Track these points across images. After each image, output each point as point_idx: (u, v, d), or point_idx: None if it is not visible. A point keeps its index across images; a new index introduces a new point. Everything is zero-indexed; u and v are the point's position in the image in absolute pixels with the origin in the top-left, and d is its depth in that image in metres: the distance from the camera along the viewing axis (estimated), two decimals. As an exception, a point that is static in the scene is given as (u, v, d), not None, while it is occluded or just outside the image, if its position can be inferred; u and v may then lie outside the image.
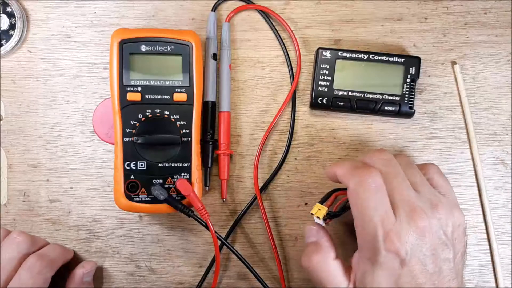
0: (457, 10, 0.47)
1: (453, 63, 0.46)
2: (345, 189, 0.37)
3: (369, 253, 0.34)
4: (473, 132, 0.46)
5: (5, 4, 0.45)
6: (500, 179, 0.46)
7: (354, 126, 0.46)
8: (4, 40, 0.45)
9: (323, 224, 0.38)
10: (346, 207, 0.38)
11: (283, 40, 0.46)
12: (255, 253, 0.46)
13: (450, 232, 0.35)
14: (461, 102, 0.46)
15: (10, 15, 0.45)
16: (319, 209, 0.38)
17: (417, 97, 0.46)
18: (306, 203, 0.46)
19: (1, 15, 0.45)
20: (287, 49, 0.46)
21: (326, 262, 0.37)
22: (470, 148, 0.46)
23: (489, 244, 0.45)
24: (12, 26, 0.45)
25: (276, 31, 0.46)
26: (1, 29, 0.45)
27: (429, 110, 0.46)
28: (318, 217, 0.38)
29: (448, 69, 0.47)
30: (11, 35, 0.45)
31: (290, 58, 0.46)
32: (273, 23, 0.47)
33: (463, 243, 0.36)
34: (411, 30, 0.47)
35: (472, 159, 0.46)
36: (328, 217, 0.38)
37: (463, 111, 0.46)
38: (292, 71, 0.46)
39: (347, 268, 0.37)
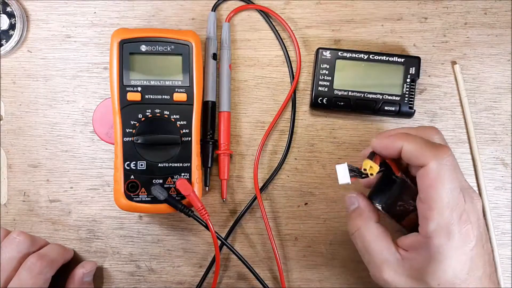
0: (457, 10, 0.47)
1: (453, 63, 0.46)
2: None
3: (441, 238, 0.32)
4: (473, 132, 0.46)
5: (5, 4, 0.45)
6: (500, 179, 0.46)
7: (354, 126, 0.46)
8: (4, 40, 0.45)
9: (349, 182, 0.36)
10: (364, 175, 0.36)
11: (283, 40, 0.46)
12: (255, 253, 0.46)
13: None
14: (461, 102, 0.46)
15: (10, 15, 0.45)
16: (371, 166, 0.35)
17: (417, 97, 0.46)
18: (306, 203, 0.46)
19: (1, 15, 0.45)
20: (287, 49, 0.46)
21: (370, 225, 0.36)
22: (470, 148, 0.46)
23: (489, 244, 0.45)
24: (12, 26, 0.45)
25: (276, 31, 0.46)
26: (1, 29, 0.45)
27: (429, 110, 0.46)
28: (363, 173, 0.36)
29: (448, 69, 0.47)
30: (11, 35, 0.45)
31: (290, 58, 0.46)
32: (273, 23, 0.47)
33: None
34: (411, 30, 0.47)
35: (472, 159, 0.46)
36: (354, 174, 0.36)
37: (463, 111, 0.46)
38: (292, 71, 0.46)
39: (393, 240, 0.36)
